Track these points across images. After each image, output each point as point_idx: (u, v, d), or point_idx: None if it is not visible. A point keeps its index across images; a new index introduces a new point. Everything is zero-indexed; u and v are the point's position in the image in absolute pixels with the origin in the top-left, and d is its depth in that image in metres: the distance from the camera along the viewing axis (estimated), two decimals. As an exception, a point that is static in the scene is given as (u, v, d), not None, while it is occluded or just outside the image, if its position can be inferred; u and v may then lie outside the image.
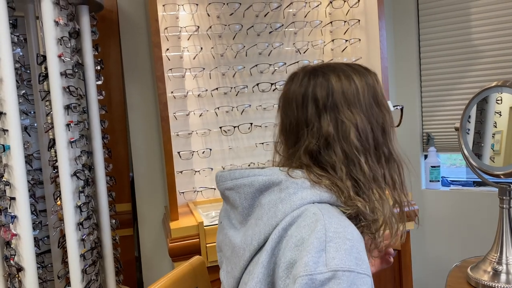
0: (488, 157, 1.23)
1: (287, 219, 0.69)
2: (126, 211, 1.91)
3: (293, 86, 0.82)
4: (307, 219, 0.67)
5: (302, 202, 0.70)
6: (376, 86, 0.81)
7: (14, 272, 1.32)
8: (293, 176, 0.74)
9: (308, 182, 0.73)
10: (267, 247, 0.68)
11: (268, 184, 0.74)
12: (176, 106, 1.72)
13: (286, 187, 0.73)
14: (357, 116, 0.76)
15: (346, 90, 0.78)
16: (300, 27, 1.84)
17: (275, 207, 0.71)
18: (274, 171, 0.76)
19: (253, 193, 0.76)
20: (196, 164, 1.77)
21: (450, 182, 2.22)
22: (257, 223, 0.72)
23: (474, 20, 2.00)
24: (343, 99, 0.77)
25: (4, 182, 1.30)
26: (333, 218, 0.66)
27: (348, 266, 0.61)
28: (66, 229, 1.38)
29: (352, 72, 0.80)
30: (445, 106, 2.12)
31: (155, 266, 1.95)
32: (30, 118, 1.50)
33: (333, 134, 0.75)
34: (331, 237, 0.63)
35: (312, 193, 0.71)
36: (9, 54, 1.26)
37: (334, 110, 0.77)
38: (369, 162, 0.76)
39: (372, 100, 0.79)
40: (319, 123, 0.77)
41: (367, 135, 0.77)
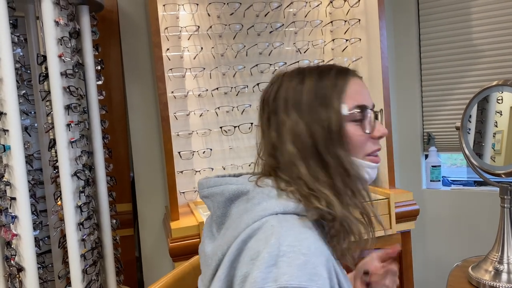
0: (489, 156, 1.23)
1: (247, 231, 0.66)
2: (127, 211, 1.91)
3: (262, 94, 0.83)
4: (265, 232, 0.64)
5: (264, 213, 0.67)
6: (330, 85, 0.75)
7: (14, 272, 1.32)
8: (261, 185, 0.73)
9: (275, 191, 0.71)
10: (225, 260, 0.67)
11: (238, 193, 0.73)
12: (176, 106, 1.72)
13: (252, 197, 0.71)
14: (294, 119, 0.74)
15: (289, 93, 0.75)
16: (301, 26, 1.83)
17: (240, 218, 0.70)
18: (245, 180, 0.75)
19: (224, 202, 0.75)
20: (196, 164, 1.77)
21: (451, 182, 2.22)
22: (225, 234, 0.71)
23: (475, 20, 2.00)
24: (284, 102, 0.75)
25: (5, 182, 1.30)
26: (292, 231, 0.64)
27: (299, 282, 0.57)
28: (66, 229, 1.38)
29: (312, 74, 0.77)
30: (445, 106, 2.12)
31: (155, 266, 1.94)
32: (30, 118, 1.50)
33: (276, 139, 0.75)
34: (284, 251, 0.60)
35: (277, 203, 0.69)
36: (9, 54, 1.26)
37: (276, 114, 0.76)
38: (311, 168, 0.72)
39: (317, 101, 0.74)
40: (268, 128, 0.78)
41: (305, 140, 0.73)
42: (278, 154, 0.75)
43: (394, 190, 1.68)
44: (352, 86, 0.77)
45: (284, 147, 0.74)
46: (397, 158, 2.15)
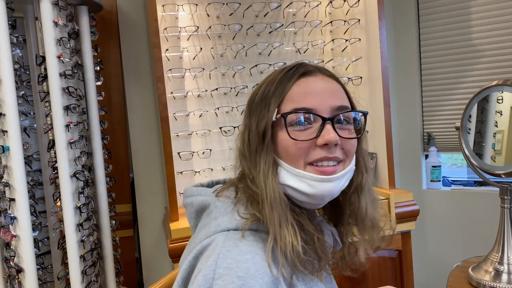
0: (489, 156, 1.22)
1: (198, 248, 0.65)
2: (126, 212, 1.91)
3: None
4: (210, 250, 0.63)
5: (216, 230, 0.65)
6: (276, 85, 0.70)
7: (14, 274, 1.32)
8: (220, 199, 0.70)
9: (231, 205, 0.68)
10: (178, 278, 0.65)
11: (202, 206, 0.72)
12: (176, 107, 1.72)
13: (211, 211, 0.69)
14: (244, 122, 0.73)
15: (252, 94, 0.75)
16: (300, 27, 1.83)
17: (199, 232, 0.68)
18: (209, 192, 0.74)
19: (194, 214, 0.74)
20: (196, 165, 1.76)
21: (451, 182, 2.21)
22: (186, 250, 0.71)
23: (474, 19, 1.99)
24: (247, 104, 0.75)
25: (4, 183, 1.30)
26: (233, 252, 0.60)
27: None
28: (66, 230, 1.38)
29: (273, 74, 0.74)
30: (445, 106, 2.12)
31: (155, 267, 1.94)
32: (29, 119, 1.50)
33: (238, 141, 0.75)
34: (220, 274, 0.58)
35: (230, 219, 0.66)
36: (8, 55, 1.26)
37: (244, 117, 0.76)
38: (248, 172, 0.70)
39: (262, 103, 0.70)
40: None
41: (244, 143, 0.72)
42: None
43: (394, 190, 1.67)
44: (299, 87, 0.69)
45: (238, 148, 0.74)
46: (397, 158, 2.15)
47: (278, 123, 0.68)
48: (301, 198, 0.69)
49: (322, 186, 0.67)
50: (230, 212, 0.67)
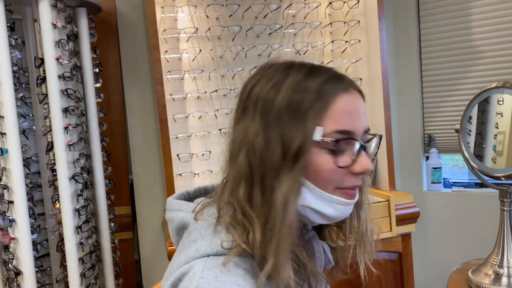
0: (490, 158, 1.22)
1: (176, 274, 0.59)
2: (126, 214, 1.91)
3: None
4: (187, 280, 0.57)
5: (194, 255, 0.59)
6: (312, 94, 0.59)
7: (12, 276, 1.31)
8: (199, 218, 0.63)
9: (212, 227, 0.61)
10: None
11: (182, 224, 0.66)
12: (175, 108, 1.72)
13: (190, 232, 0.63)
14: (256, 128, 0.60)
15: (263, 92, 0.61)
16: (300, 28, 1.83)
17: (179, 254, 0.63)
18: (190, 209, 0.66)
19: (175, 231, 0.68)
20: (195, 167, 1.76)
21: (452, 183, 2.20)
22: (168, 270, 0.66)
23: (475, 21, 1.99)
24: (253, 103, 0.61)
25: (2, 185, 1.30)
26: (212, 284, 0.55)
27: None
28: (64, 232, 1.38)
29: (298, 74, 0.61)
30: (446, 107, 2.11)
31: (155, 270, 1.94)
32: (28, 121, 1.49)
33: (234, 145, 0.63)
34: None
35: (211, 243, 0.60)
36: (7, 57, 1.26)
37: (243, 115, 0.63)
38: (251, 193, 0.60)
39: (288, 111, 0.59)
40: (233, 131, 0.65)
41: (258, 157, 0.59)
42: (229, 166, 0.64)
43: (394, 192, 1.67)
44: (341, 103, 0.61)
45: (236, 159, 0.61)
46: (398, 160, 2.14)
47: (314, 143, 0.59)
48: (318, 220, 0.64)
49: (345, 209, 0.64)
50: (210, 234, 0.61)
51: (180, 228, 0.66)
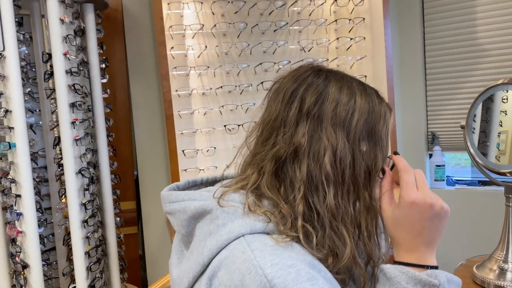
0: (493, 156, 1.22)
1: (215, 262, 0.59)
2: (131, 209, 1.92)
3: (290, 77, 0.71)
4: (236, 261, 0.57)
5: (229, 237, 0.60)
6: (380, 120, 0.68)
7: (19, 269, 1.33)
8: (224, 204, 0.64)
9: (240, 210, 0.63)
10: None
11: (201, 211, 0.65)
12: (180, 105, 1.72)
13: (216, 216, 0.63)
14: (340, 140, 0.64)
15: (340, 105, 0.65)
16: (305, 25, 1.83)
17: (204, 241, 0.62)
18: (209, 195, 0.66)
19: (188, 221, 0.66)
20: (200, 163, 1.77)
21: (455, 181, 2.21)
22: (189, 258, 0.64)
23: (480, 18, 1.99)
24: (332, 114, 0.65)
25: (10, 179, 1.31)
26: (265, 250, 0.57)
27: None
28: (71, 226, 1.39)
29: (360, 91, 0.68)
30: (450, 105, 2.11)
31: (159, 264, 1.95)
32: (35, 116, 1.50)
33: (304, 147, 0.64)
34: (271, 274, 0.54)
35: (243, 223, 0.61)
36: (15, 52, 1.27)
37: (317, 121, 0.65)
38: (338, 198, 0.64)
39: (365, 132, 0.66)
40: (295, 128, 0.65)
41: (345, 167, 0.64)
42: (293, 164, 0.65)
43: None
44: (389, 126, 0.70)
45: (312, 163, 0.64)
46: (401, 157, 2.14)
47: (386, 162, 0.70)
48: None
49: None
50: (240, 216, 0.62)
51: (197, 217, 0.66)
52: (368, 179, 0.66)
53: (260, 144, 0.69)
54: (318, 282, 0.54)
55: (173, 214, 0.69)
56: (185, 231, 0.67)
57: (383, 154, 0.68)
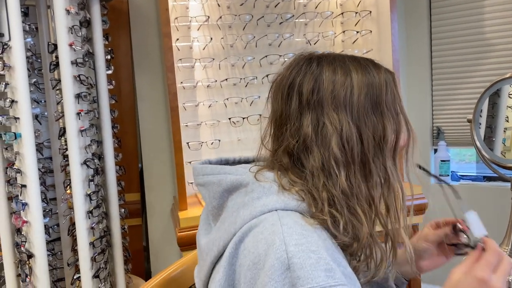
0: (499, 151, 1.22)
1: (244, 229, 0.61)
2: (135, 200, 1.92)
3: (284, 72, 0.72)
4: (265, 231, 0.59)
5: (263, 210, 0.62)
6: (383, 89, 0.68)
7: (24, 259, 1.34)
8: (260, 179, 0.66)
9: (276, 187, 0.65)
10: (223, 263, 0.62)
11: (236, 184, 0.67)
12: (185, 97, 1.72)
13: (251, 190, 0.65)
14: (344, 121, 0.65)
15: (337, 87, 0.66)
16: (311, 18, 1.82)
17: (237, 212, 0.64)
18: (245, 170, 0.69)
19: (221, 193, 0.68)
20: (205, 155, 1.77)
21: (460, 176, 2.20)
22: (220, 228, 0.66)
23: (487, 13, 1.97)
24: (331, 97, 0.66)
25: (15, 169, 1.31)
26: (294, 228, 0.59)
27: (317, 283, 0.53)
28: (75, 217, 1.39)
29: (354, 67, 0.68)
30: (456, 100, 2.10)
31: (163, 256, 1.96)
32: (40, 106, 1.51)
33: (312, 136, 0.65)
34: (292, 252, 0.55)
35: (277, 199, 0.63)
36: (20, 43, 1.27)
37: (318, 109, 0.66)
38: (350, 178, 0.65)
39: (369, 105, 0.66)
40: (300, 121, 0.67)
41: (353, 146, 0.65)
42: (306, 155, 0.66)
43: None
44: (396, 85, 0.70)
45: (322, 150, 0.65)
46: (406, 152, 2.14)
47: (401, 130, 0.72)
48: None
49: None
50: (275, 192, 0.64)
51: (231, 190, 0.68)
52: (378, 151, 0.66)
53: (273, 142, 0.72)
54: (335, 275, 0.55)
55: (205, 186, 0.71)
56: (216, 203, 0.69)
57: (394, 124, 0.68)
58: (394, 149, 0.69)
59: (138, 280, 1.77)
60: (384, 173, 0.67)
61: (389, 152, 0.68)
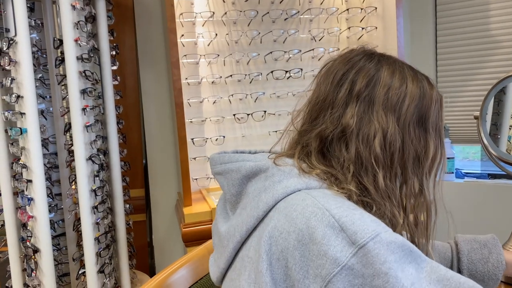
0: (504, 149, 1.21)
1: (271, 214, 0.62)
2: (139, 196, 1.93)
3: (341, 59, 0.72)
4: (298, 208, 0.59)
5: (285, 191, 0.62)
6: (431, 106, 0.69)
7: (30, 254, 1.34)
8: (280, 163, 0.66)
9: (296, 170, 0.65)
10: (262, 254, 0.59)
11: (256, 170, 0.67)
12: (190, 93, 1.72)
13: (272, 174, 0.65)
14: (391, 124, 0.65)
15: (392, 90, 0.66)
16: (316, 14, 1.81)
17: (258, 197, 0.64)
18: (264, 157, 0.69)
19: (240, 180, 0.68)
20: (209, 151, 1.77)
21: (464, 174, 2.19)
22: (241, 213, 0.66)
23: (493, 9, 1.96)
24: (384, 98, 0.66)
25: (21, 165, 1.32)
26: (327, 197, 0.59)
27: (373, 230, 0.53)
28: (81, 212, 1.40)
29: (411, 76, 0.69)
30: (460, 97, 2.09)
31: (167, 252, 1.96)
32: (46, 102, 1.51)
33: (353, 129, 0.65)
34: (338, 214, 0.55)
35: (299, 181, 0.63)
36: (26, 38, 1.27)
37: (367, 104, 0.66)
38: (386, 179, 0.65)
39: (416, 118, 0.67)
40: (344, 109, 0.67)
41: (394, 151, 0.66)
42: (340, 144, 0.67)
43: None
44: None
45: (360, 144, 0.65)
46: (410, 149, 2.13)
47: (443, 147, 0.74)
48: None
49: None
50: (296, 175, 0.64)
51: (250, 176, 0.68)
52: (417, 165, 0.68)
53: (307, 123, 0.72)
54: (381, 224, 0.56)
55: (224, 175, 0.71)
56: (235, 191, 0.69)
57: (436, 143, 0.69)
58: (430, 166, 0.70)
59: (143, 275, 1.78)
60: (419, 186, 0.68)
61: (426, 168, 0.69)
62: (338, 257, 0.52)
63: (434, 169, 0.70)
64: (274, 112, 1.81)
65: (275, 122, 1.83)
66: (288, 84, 1.83)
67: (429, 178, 0.70)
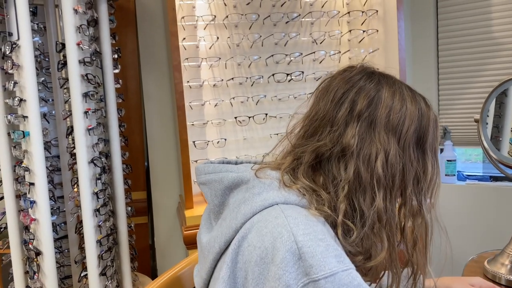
0: (506, 151, 1.21)
1: (246, 225, 0.62)
2: (141, 199, 1.93)
3: (341, 78, 0.72)
4: (269, 225, 0.59)
5: (263, 204, 0.63)
6: (429, 128, 0.70)
7: (32, 256, 1.35)
8: (261, 176, 0.67)
9: (276, 183, 0.66)
10: (227, 260, 0.62)
11: (237, 182, 0.68)
12: (191, 96, 1.73)
13: (252, 186, 0.66)
14: (392, 146, 0.66)
15: (393, 111, 0.67)
16: (317, 17, 1.82)
17: (237, 208, 0.65)
18: (247, 168, 0.70)
19: (222, 190, 0.69)
20: (211, 154, 1.77)
21: (466, 176, 2.19)
22: (222, 224, 0.67)
23: (494, 12, 1.96)
24: (386, 120, 0.67)
25: (24, 167, 1.32)
26: (299, 218, 0.59)
27: (330, 269, 0.54)
28: (83, 215, 1.40)
29: (410, 98, 0.69)
30: (462, 100, 2.09)
31: (169, 255, 1.97)
32: (48, 105, 1.52)
33: (354, 149, 0.65)
34: (302, 241, 0.56)
35: (278, 194, 0.64)
36: (29, 42, 1.27)
37: (369, 125, 0.67)
38: (386, 201, 0.66)
39: (414, 139, 0.68)
40: (344, 128, 0.67)
41: (395, 172, 0.66)
42: (338, 163, 0.67)
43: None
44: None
45: (361, 164, 0.65)
46: (412, 152, 2.13)
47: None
48: None
49: None
50: (275, 188, 0.64)
51: (232, 187, 0.69)
52: (417, 186, 0.69)
53: (302, 138, 0.72)
54: (344, 260, 0.56)
55: (207, 185, 0.72)
56: (218, 201, 0.70)
57: (432, 163, 0.70)
58: (428, 186, 0.71)
59: (144, 278, 1.78)
60: (418, 206, 0.69)
61: (425, 189, 0.70)
62: (290, 284, 0.54)
63: (431, 189, 0.71)
64: (275, 115, 1.82)
65: (276, 124, 1.83)
66: (289, 87, 1.83)
67: (427, 198, 0.71)
